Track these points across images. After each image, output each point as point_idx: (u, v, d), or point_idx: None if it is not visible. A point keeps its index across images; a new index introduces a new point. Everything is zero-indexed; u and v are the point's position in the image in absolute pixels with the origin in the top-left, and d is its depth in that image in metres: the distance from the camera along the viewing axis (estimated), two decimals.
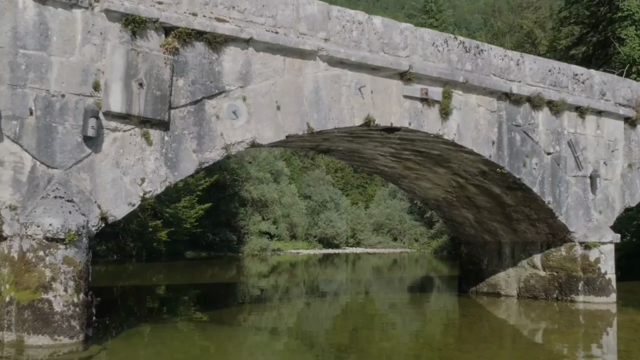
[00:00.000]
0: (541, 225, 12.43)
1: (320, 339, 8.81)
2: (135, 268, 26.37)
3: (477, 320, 10.90)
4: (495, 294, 13.62)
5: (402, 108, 9.92)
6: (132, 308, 11.91)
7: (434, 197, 13.49)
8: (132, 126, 7.57)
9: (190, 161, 7.95)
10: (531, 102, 11.64)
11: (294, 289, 17.82)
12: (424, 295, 16.07)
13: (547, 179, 11.86)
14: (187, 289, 16.57)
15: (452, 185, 12.59)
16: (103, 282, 18.19)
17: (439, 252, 49.70)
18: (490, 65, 11.07)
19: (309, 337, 9.02)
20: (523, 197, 11.95)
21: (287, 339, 8.72)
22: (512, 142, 11.35)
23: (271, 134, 8.63)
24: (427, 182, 12.85)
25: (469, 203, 13.03)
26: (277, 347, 8.17)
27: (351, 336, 9.20)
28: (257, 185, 46.53)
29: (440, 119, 10.34)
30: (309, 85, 8.99)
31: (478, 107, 10.91)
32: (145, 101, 7.52)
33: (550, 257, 12.62)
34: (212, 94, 8.14)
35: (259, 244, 44.37)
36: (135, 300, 13.34)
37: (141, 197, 7.62)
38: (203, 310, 11.66)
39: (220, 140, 8.19)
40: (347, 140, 11.10)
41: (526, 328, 10.43)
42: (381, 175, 13.45)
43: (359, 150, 11.85)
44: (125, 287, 16.60)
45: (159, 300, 13.61)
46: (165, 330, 8.75)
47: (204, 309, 11.87)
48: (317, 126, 9.02)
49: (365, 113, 9.48)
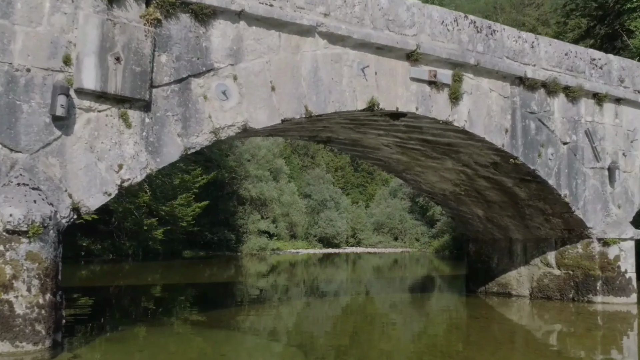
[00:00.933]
0: (556, 220, 11.61)
1: (320, 340, 8.40)
2: (131, 267, 25.76)
3: (487, 322, 10.12)
4: (506, 294, 12.80)
5: (408, 91, 9.10)
6: (126, 309, 11.51)
7: (441, 191, 12.66)
8: (108, 106, 6.75)
9: (175, 146, 7.13)
10: (546, 88, 10.82)
11: (293, 289, 17.22)
12: (429, 296, 15.25)
13: (563, 171, 11.04)
14: (184, 289, 15.97)
15: (460, 178, 11.77)
16: (98, 282, 17.45)
17: (441, 251, 49.51)
18: (503, 47, 10.25)
19: (309, 338, 8.56)
20: (537, 190, 11.13)
21: (287, 341, 8.34)
22: (526, 130, 10.53)
23: (265, 117, 7.80)
24: (433, 175, 12.03)
25: (478, 197, 12.21)
26: (276, 349, 7.76)
27: (352, 339, 8.55)
28: (256, 184, 45.94)
29: (450, 104, 9.52)
30: (307, 65, 8.17)
31: (490, 92, 10.10)
32: (123, 78, 6.70)
33: (565, 254, 11.81)
34: (199, 71, 7.31)
35: (258, 243, 43.96)
36: (130, 301, 12.91)
37: (118, 185, 6.79)
38: (200, 311, 11.26)
39: (208, 123, 7.37)
40: (349, 129, 10.28)
41: (540, 331, 9.69)
42: (385, 168, 12.63)
43: (361, 140, 11.03)
44: (120, 287, 16.09)
45: (154, 301, 13.11)
46: (161, 332, 8.34)
47: (201, 309, 11.48)
48: (316, 109, 8.20)
49: (369, 96, 8.66)
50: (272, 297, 14.50)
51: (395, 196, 66.33)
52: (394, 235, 64.70)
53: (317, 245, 56.79)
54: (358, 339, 8.69)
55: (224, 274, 23.23)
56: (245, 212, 45.17)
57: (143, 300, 13.14)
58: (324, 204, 60.66)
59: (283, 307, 12.38)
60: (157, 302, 12.92)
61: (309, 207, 58.64)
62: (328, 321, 10.67)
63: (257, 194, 45.87)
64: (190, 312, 11.14)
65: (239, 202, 45.19)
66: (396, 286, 18.85)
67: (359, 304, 13.59)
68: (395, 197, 66.34)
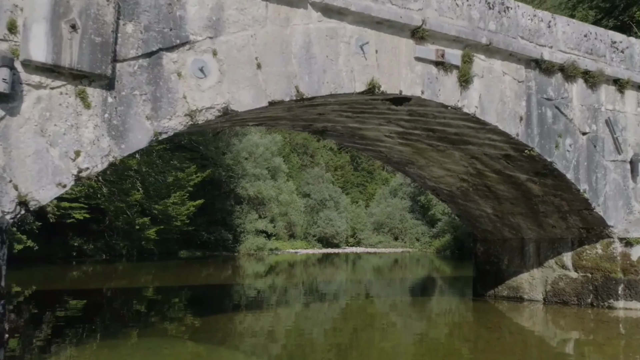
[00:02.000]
0: (573, 218, 10.61)
1: (319, 341, 8.16)
2: (125, 268, 25.05)
3: (497, 329, 9.19)
4: (517, 299, 11.81)
5: (413, 73, 8.10)
6: (118, 311, 11.13)
7: (447, 187, 11.65)
8: (62, 82, 5.75)
9: (143, 130, 6.13)
10: (564, 72, 9.82)
11: (291, 290, 16.46)
12: (434, 300, 14.26)
13: (582, 164, 10.04)
14: (177, 291, 15.26)
15: (469, 172, 10.77)
16: (90, 283, 16.86)
17: (442, 251, 49.22)
18: (517, 25, 9.25)
19: (308, 340, 8.32)
20: (553, 185, 10.14)
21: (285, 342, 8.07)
22: (542, 118, 9.54)
23: (250, 99, 6.80)
24: (439, 169, 11.02)
25: (488, 193, 11.21)
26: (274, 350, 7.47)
27: (353, 343, 8.06)
28: (253, 182, 45.03)
29: (459, 88, 8.52)
30: (298, 40, 7.17)
31: (503, 75, 9.10)
32: (80, 49, 5.70)
33: (583, 255, 10.81)
34: (172, 44, 6.31)
35: (256, 243, 43.23)
36: (122, 303, 12.45)
37: (75, 175, 5.79)
38: (195, 313, 10.76)
39: (183, 104, 6.37)
40: (346, 117, 9.29)
41: (554, 339, 8.82)
42: (386, 162, 11.62)
43: (360, 130, 10.03)
44: (112, 289, 15.54)
45: (147, 303, 12.56)
46: (153, 336, 8.07)
47: (196, 311, 10.97)
48: (309, 91, 7.20)
49: (369, 77, 7.66)
50: (270, 298, 13.91)
51: (396, 195, 65.72)
52: (394, 235, 64.07)
53: (317, 245, 56.29)
54: (358, 340, 8.28)
55: (221, 275, 22.63)
56: (242, 212, 44.42)
57: (135, 302, 12.59)
58: (323, 203, 60.06)
59: (281, 310, 11.72)
60: (150, 304, 12.33)
61: (308, 206, 58.03)
62: (327, 322, 10.17)
63: (255, 192, 44.98)
64: (184, 314, 10.66)
65: (236, 201, 44.44)
66: (399, 288, 18.03)
67: (359, 308, 12.73)
68: (395, 196, 65.70)
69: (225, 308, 11.69)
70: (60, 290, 14.41)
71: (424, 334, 9.21)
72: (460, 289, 17.04)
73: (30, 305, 11.56)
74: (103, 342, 7.48)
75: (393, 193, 66.87)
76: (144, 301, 12.99)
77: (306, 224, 56.98)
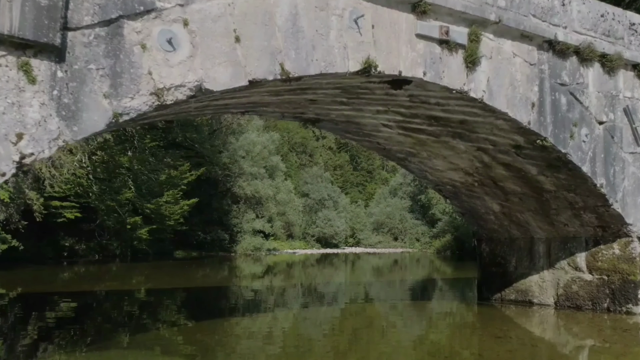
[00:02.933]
0: (588, 215, 9.74)
1: (318, 343, 7.94)
2: (118, 269, 24.51)
3: (504, 337, 8.36)
4: (526, 303, 10.94)
5: (414, 52, 7.23)
6: (109, 314, 10.74)
7: (450, 182, 10.77)
8: (1, 52, 4.88)
9: (99, 111, 5.25)
10: (579, 55, 8.96)
11: (289, 292, 15.85)
12: (436, 303, 13.38)
13: (598, 156, 9.17)
14: (172, 292, 14.69)
15: (474, 165, 9.90)
16: (81, 285, 16.32)
17: (442, 252, 48.88)
18: (529, 2, 8.37)
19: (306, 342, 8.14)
20: (567, 179, 9.27)
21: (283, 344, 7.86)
22: (556, 105, 8.67)
23: (227, 77, 5.92)
24: (442, 162, 10.15)
25: (495, 188, 10.34)
26: None
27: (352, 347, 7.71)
28: (250, 181, 44.18)
29: (465, 70, 7.66)
30: (283, 10, 6.29)
31: (514, 57, 8.23)
32: (22, 14, 4.83)
33: (598, 256, 9.94)
34: (135, 11, 5.43)
35: (253, 243, 42.59)
36: (113, 306, 12.03)
37: (17, 162, 4.92)
38: (190, 315, 10.45)
39: (148, 81, 5.50)
40: (341, 103, 8.42)
41: (567, 347, 8.11)
42: (384, 155, 10.74)
43: (356, 119, 9.16)
44: (104, 291, 15.01)
45: (140, 306, 12.13)
46: (145, 339, 7.80)
47: (190, 314, 10.65)
48: (296, 69, 6.33)
49: (364, 55, 6.79)
50: (266, 302, 13.23)
51: (395, 195, 65.23)
52: (393, 235, 63.61)
53: (315, 245, 55.75)
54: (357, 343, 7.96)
55: (217, 276, 22.12)
56: (239, 211, 43.74)
57: (127, 305, 12.13)
58: (322, 203, 59.50)
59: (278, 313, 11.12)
60: (142, 307, 11.87)
61: (307, 206, 57.46)
62: (326, 324, 9.75)
63: (252, 192, 44.18)
64: (178, 316, 10.32)
65: (233, 201, 43.75)
66: (400, 290, 17.28)
67: (357, 310, 11.95)
68: (395, 196, 65.22)
69: (221, 310, 11.23)
70: (47, 292, 13.75)
71: (425, 341, 8.38)
72: (463, 292, 16.21)
73: (15, 307, 11.11)
74: (93, 345, 7.19)
75: (393, 193, 66.41)
76: (137, 303, 12.45)
77: (305, 224, 56.51)
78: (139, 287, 16.55)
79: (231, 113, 8.62)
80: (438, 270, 29.40)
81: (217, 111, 8.38)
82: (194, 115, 8.21)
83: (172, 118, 8.02)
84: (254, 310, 11.21)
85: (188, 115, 8.15)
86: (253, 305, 12.23)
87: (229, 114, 8.83)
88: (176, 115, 8.21)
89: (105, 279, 19.45)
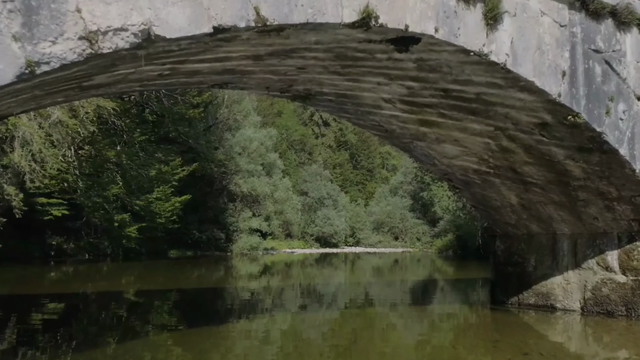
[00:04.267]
0: (623, 207, 8.40)
1: (317, 344, 7.58)
2: (109, 269, 23.52)
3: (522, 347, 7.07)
4: (548, 307, 9.61)
5: (423, 2, 5.88)
6: (96, 317, 10.18)
7: (462, 169, 9.41)
8: None
9: (7, 57, 3.92)
10: (616, 18, 7.61)
11: (287, 293, 14.86)
12: (444, 307, 12.03)
13: (637, 136, 7.83)
14: (164, 293, 13.79)
15: (490, 149, 8.54)
16: (69, 286, 15.44)
17: (444, 251, 48.40)
18: None
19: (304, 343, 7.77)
20: (600, 165, 7.92)
21: None
22: (589, 75, 7.33)
23: (184, 20, 4.58)
24: (453, 146, 8.79)
25: (513, 177, 8.99)
26: None
27: None
28: (247, 179, 42.96)
29: (485, 29, 6.32)
30: None
31: (541, 15, 6.88)
32: None
33: (634, 254, 8.61)
34: None
35: (250, 242, 41.70)
36: (100, 308, 11.40)
37: None
38: (183, 318, 9.81)
39: (77, 21, 4.16)
40: (335, 72, 7.07)
41: (596, 359, 7.00)
42: (386, 137, 9.35)
43: (354, 93, 7.80)
44: (93, 292, 14.14)
45: (130, 308, 11.50)
46: (135, 343, 7.36)
47: (184, 316, 10.02)
48: (275, 16, 4.98)
49: (362, 3, 5.44)
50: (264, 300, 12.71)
51: (396, 194, 64.58)
52: (394, 234, 63.08)
53: (314, 244, 55.13)
54: None
55: (212, 276, 21.18)
56: (235, 209, 42.79)
57: (116, 307, 11.49)
58: (321, 201, 58.74)
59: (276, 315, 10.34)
60: (132, 309, 11.27)
61: (306, 204, 56.71)
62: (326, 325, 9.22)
63: (249, 189, 43.03)
64: (170, 319, 9.81)
65: (229, 199, 42.78)
66: (402, 292, 16.08)
67: (356, 314, 10.76)
68: (395, 194, 64.60)
69: (219, 311, 10.78)
70: (32, 294, 12.77)
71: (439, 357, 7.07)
72: (470, 294, 14.89)
73: None
74: (78, 349, 6.80)
75: (393, 191, 65.90)
76: (127, 305, 11.82)
77: (303, 223, 55.80)
78: (129, 288, 15.65)
79: (205, 86, 7.26)
80: (440, 271, 28.32)
81: (188, 82, 7.04)
82: (158, 85, 6.86)
83: (133, 89, 6.69)
84: (250, 312, 10.61)
85: (153, 85, 6.81)
86: (249, 307, 11.58)
87: (202, 87, 7.46)
88: (141, 86, 6.88)
89: (95, 279, 18.54)
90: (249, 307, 11.67)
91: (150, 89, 6.49)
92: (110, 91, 6.63)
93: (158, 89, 6.57)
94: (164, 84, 6.94)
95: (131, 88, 6.57)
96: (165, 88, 6.60)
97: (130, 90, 6.75)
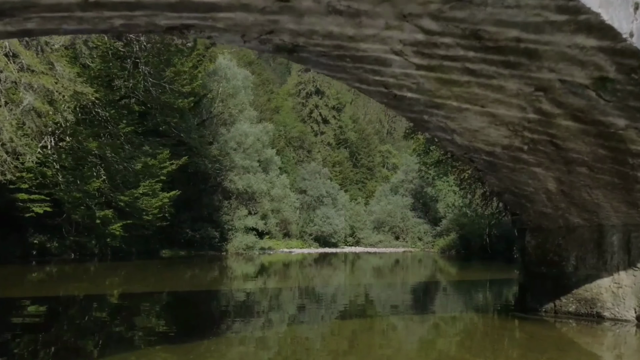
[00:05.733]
0: None
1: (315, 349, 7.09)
2: (96, 269, 22.24)
3: None
4: (593, 317, 7.83)
5: None
6: (77, 321, 9.54)
7: (489, 145, 7.60)
8: None
9: None
10: None
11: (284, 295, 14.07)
12: (459, 315, 10.24)
13: None
14: (152, 296, 13.03)
15: (526, 118, 6.75)
16: (51, 288, 14.48)
17: (446, 251, 47.44)
18: None
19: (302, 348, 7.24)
20: None
21: None
22: None
23: None
24: (478, 115, 6.99)
25: (553, 154, 7.20)
26: None
27: None
28: (242, 175, 41.30)
29: None
30: None
31: None
32: None
33: None
34: None
35: (245, 241, 40.24)
36: (84, 311, 10.77)
37: None
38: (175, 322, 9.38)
39: None
40: (331, 10, 5.28)
41: None
42: (394, 105, 7.48)
43: (354, 42, 6.00)
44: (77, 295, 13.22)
45: (115, 312, 10.79)
46: (120, 348, 6.90)
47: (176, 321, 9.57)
48: None
49: None
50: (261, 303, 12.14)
51: (397, 193, 63.50)
52: (395, 234, 62.05)
53: (313, 244, 53.88)
54: None
55: (207, 277, 19.93)
56: (230, 207, 41.37)
57: (99, 310, 10.92)
58: (320, 200, 57.38)
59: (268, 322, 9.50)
60: (117, 312, 10.66)
61: (305, 203, 55.44)
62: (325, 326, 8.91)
63: (244, 186, 41.44)
64: (157, 323, 9.29)
65: (223, 196, 41.32)
66: (399, 294, 14.79)
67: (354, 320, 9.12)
68: (396, 193, 63.50)
69: (214, 313, 10.48)
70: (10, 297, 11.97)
71: None
72: (487, 299, 13.13)
73: None
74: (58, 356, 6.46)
75: (394, 190, 64.83)
76: (110, 309, 11.16)
77: (302, 222, 54.43)
78: (112, 290, 14.46)
79: (157, 30, 5.40)
80: (445, 272, 26.82)
81: (129, 24, 5.24)
82: (82, 23, 5.04)
83: (46, 27, 4.89)
84: (246, 314, 10.26)
85: (73, 22, 5.01)
86: (245, 309, 11.18)
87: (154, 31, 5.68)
88: (78, 24, 5.12)
89: (83, 279, 17.64)
90: (244, 309, 11.13)
91: (70, 32, 4.84)
92: (16, 28, 4.84)
93: (80, 32, 5.04)
94: (90, 20, 5.12)
95: (44, 26, 4.80)
96: (97, 32, 4.83)
97: (43, 28, 4.96)
